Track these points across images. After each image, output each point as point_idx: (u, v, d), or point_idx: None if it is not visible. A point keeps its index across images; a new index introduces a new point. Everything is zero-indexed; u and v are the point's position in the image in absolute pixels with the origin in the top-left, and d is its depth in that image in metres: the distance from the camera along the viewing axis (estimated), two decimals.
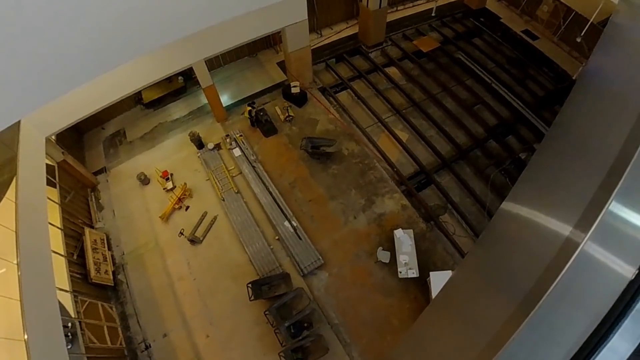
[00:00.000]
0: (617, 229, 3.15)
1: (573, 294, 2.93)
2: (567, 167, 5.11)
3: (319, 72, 14.80)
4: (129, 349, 9.01)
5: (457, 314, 4.84)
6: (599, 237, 2.88)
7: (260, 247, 10.81)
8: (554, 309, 2.75)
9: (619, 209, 3.07)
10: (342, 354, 9.43)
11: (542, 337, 2.79)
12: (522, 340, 2.61)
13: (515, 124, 13.25)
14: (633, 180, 2.96)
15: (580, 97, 6.37)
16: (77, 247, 9.31)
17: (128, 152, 12.56)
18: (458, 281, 5.91)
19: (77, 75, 5.94)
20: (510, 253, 4.47)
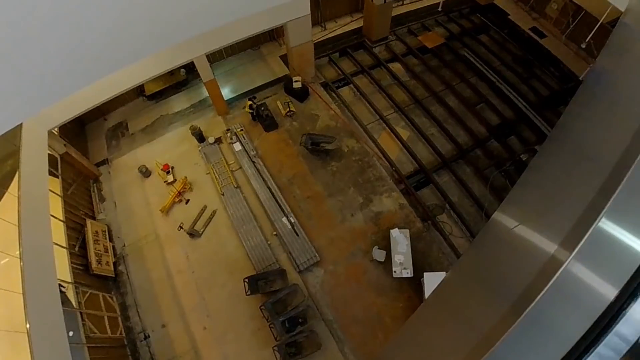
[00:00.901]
0: (603, 249, 3.20)
1: (550, 315, 3.02)
2: (563, 176, 5.11)
3: (321, 66, 14.70)
4: (129, 339, 9.33)
5: (449, 315, 4.97)
6: (583, 257, 2.94)
7: (258, 243, 10.98)
8: (534, 324, 2.87)
9: (608, 226, 3.11)
10: (334, 350, 9.67)
11: (526, 345, 2.90)
12: (507, 345, 2.72)
13: (518, 125, 13.12)
14: (625, 199, 2.98)
15: (584, 100, 6.30)
16: (78, 239, 9.54)
17: (130, 144, 12.69)
18: (451, 283, 6.03)
19: (87, 75, 6.07)
20: (500, 262, 4.55)
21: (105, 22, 5.42)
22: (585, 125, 5.53)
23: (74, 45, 5.31)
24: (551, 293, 2.80)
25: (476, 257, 5.52)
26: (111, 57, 6.27)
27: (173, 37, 6.71)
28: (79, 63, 5.68)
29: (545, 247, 3.52)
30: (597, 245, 2.99)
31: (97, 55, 5.85)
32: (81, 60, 5.66)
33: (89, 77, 6.32)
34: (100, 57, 6.00)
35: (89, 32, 5.34)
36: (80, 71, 5.98)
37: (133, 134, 12.90)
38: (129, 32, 5.97)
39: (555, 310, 2.91)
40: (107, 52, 5.94)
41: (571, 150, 5.38)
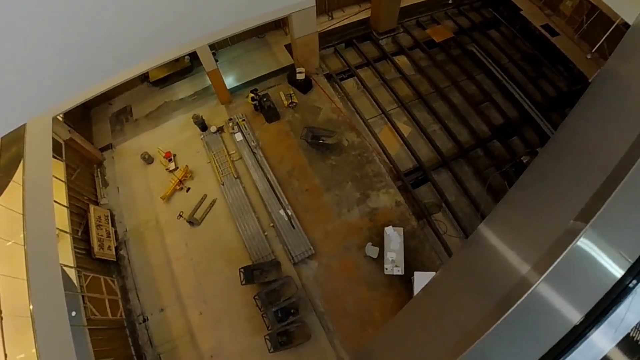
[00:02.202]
0: (575, 272, 3.35)
1: (517, 332, 3.22)
2: (555, 184, 5.16)
3: (326, 56, 14.56)
4: (128, 321, 9.81)
5: (434, 313, 5.20)
6: (553, 279, 3.11)
7: (255, 233, 11.26)
8: (506, 333, 3.06)
9: (586, 246, 3.25)
10: (324, 340, 10.06)
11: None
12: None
13: (522, 125, 12.98)
14: (607, 221, 3.08)
15: (587, 104, 6.24)
16: (81, 224, 9.92)
17: (133, 130, 12.90)
18: (439, 283, 6.24)
19: (97, 74, 6.23)
20: (484, 269, 4.72)
21: (113, 24, 5.52)
22: (585, 132, 5.50)
23: (85, 44, 5.44)
24: (523, 307, 3.01)
25: (464, 260, 5.69)
26: (119, 57, 6.39)
27: (180, 38, 6.79)
28: (89, 61, 5.82)
29: (519, 267, 3.68)
30: (566, 272, 3.14)
31: (107, 55, 5.98)
32: (91, 59, 5.80)
33: (99, 76, 6.48)
34: (110, 57, 6.13)
35: (98, 32, 5.46)
36: (90, 69, 6.13)
37: (137, 120, 13.08)
38: (136, 32, 6.06)
39: (530, 319, 3.12)
40: (115, 52, 6.05)
41: (567, 156, 5.40)
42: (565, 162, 5.35)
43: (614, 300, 3.24)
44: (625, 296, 3.19)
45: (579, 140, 5.47)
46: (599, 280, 3.21)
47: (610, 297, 3.25)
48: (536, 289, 3.11)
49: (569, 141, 5.81)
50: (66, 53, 5.45)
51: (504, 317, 3.10)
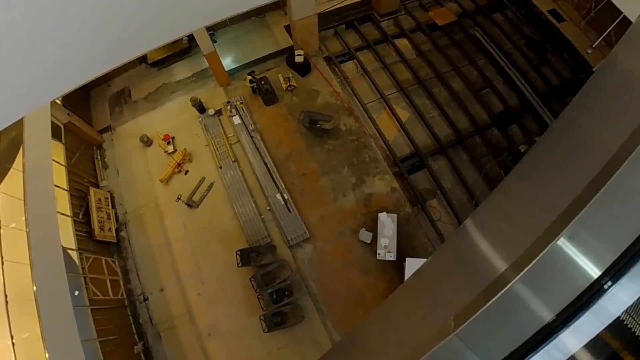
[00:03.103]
0: (551, 272, 3.51)
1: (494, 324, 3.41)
2: (550, 175, 5.21)
3: (326, 38, 14.30)
4: (129, 300, 10.26)
5: (424, 298, 5.46)
6: (529, 279, 3.26)
7: (252, 216, 11.51)
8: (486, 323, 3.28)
9: (565, 247, 3.39)
10: (317, 322, 10.48)
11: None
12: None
13: (522, 114, 12.86)
14: (589, 221, 3.17)
15: (590, 94, 6.21)
16: (82, 207, 10.19)
17: (132, 112, 12.95)
18: (429, 269, 6.49)
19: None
20: (469, 260, 4.91)
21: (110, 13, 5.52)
22: (584, 123, 5.49)
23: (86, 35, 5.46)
24: (498, 303, 3.17)
25: (453, 249, 5.89)
26: (117, 48, 6.38)
27: (181, 29, 6.77)
28: (89, 53, 5.83)
29: (497, 265, 3.83)
30: (543, 271, 3.28)
31: (106, 45, 5.98)
32: (90, 50, 5.81)
33: (98, 67, 6.51)
34: (109, 48, 6.12)
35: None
36: (90, 61, 6.16)
37: (136, 102, 13.11)
38: (136, 21, 6.04)
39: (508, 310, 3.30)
40: (114, 40, 6.04)
41: (565, 147, 5.41)
42: (562, 153, 5.36)
43: (587, 300, 3.39)
44: (599, 297, 3.33)
45: (578, 131, 5.45)
46: (574, 279, 3.33)
47: (584, 297, 3.39)
48: (512, 286, 3.24)
49: (567, 131, 5.79)
50: (66, 45, 5.48)
51: (474, 316, 3.24)
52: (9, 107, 5.47)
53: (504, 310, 3.32)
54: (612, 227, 3.38)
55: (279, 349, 10.20)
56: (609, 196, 2.81)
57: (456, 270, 5.09)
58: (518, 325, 3.39)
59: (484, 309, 3.18)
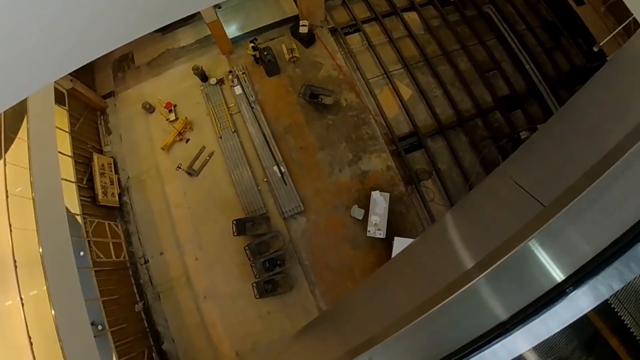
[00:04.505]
0: (515, 272, 3.80)
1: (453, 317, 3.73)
2: (546, 166, 5.30)
3: (333, 8, 13.83)
4: (131, 262, 10.94)
5: (408, 276, 5.89)
6: (492, 277, 3.56)
7: (249, 187, 11.87)
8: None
9: (534, 248, 3.65)
10: (306, 290, 11.12)
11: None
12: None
13: (527, 99, 12.62)
14: (560, 226, 3.35)
15: (600, 84, 6.17)
16: (86, 172, 10.60)
17: (135, 78, 12.98)
18: (415, 249, 6.90)
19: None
20: (448, 247, 5.24)
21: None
22: (589, 114, 5.47)
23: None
24: (459, 298, 3.45)
25: (439, 232, 6.22)
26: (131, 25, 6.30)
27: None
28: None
29: (466, 261, 4.12)
30: (506, 271, 3.53)
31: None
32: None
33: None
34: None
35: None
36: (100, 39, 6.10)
37: (139, 67, 13.10)
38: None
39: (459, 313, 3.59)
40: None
41: (566, 137, 5.42)
42: (561, 145, 5.40)
43: (546, 303, 3.67)
44: (558, 300, 3.59)
45: (582, 122, 5.44)
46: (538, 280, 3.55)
47: (544, 299, 3.67)
48: (476, 282, 3.49)
49: (571, 121, 5.79)
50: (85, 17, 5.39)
51: (437, 307, 3.51)
52: (25, 81, 5.54)
53: (463, 306, 3.62)
54: (585, 234, 3.57)
55: (269, 313, 10.94)
56: (588, 202, 2.93)
57: (437, 255, 5.43)
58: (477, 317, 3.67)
59: (447, 301, 3.46)
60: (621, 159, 2.87)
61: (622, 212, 3.10)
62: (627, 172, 2.90)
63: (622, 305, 3.59)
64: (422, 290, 4.62)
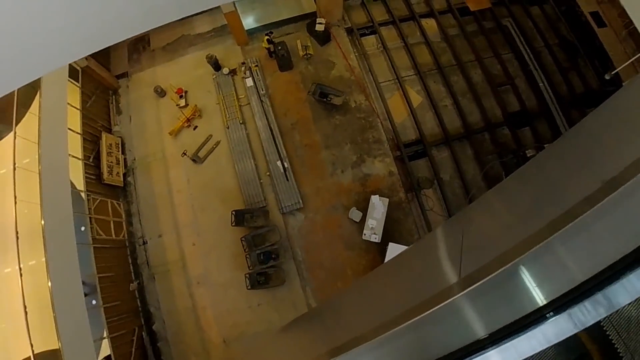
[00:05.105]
0: (495, 293, 3.89)
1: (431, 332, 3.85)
2: (547, 187, 5.32)
3: (352, 8, 13.77)
4: (130, 242, 11.19)
5: (398, 281, 6.02)
6: (474, 296, 3.64)
7: (251, 179, 12.01)
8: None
9: (518, 271, 3.73)
10: (298, 286, 11.30)
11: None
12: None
13: (537, 117, 12.55)
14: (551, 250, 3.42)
15: (612, 108, 6.14)
16: (93, 150, 10.82)
17: (149, 61, 13.12)
18: (407, 257, 7.01)
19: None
20: (436, 259, 5.34)
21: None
22: (598, 138, 5.41)
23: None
24: (438, 313, 3.56)
25: (431, 243, 6.32)
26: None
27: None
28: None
29: (449, 277, 4.22)
30: (487, 292, 3.62)
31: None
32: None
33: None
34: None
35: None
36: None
37: (154, 50, 13.23)
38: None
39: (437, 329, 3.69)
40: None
41: (571, 160, 5.40)
42: (567, 166, 5.39)
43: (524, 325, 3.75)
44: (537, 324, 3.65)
45: (589, 146, 5.41)
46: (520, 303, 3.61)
47: (523, 321, 3.75)
48: (456, 299, 3.57)
49: (578, 144, 5.76)
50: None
51: (418, 317, 3.60)
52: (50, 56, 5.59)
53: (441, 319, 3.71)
54: (572, 263, 3.61)
55: (259, 305, 11.16)
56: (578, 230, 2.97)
57: (426, 266, 5.53)
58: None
59: (426, 314, 3.56)
60: (622, 187, 2.88)
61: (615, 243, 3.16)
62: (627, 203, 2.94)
63: (614, 330, 3.65)
64: (408, 299, 4.74)
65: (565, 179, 4.31)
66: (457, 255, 4.84)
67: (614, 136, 4.30)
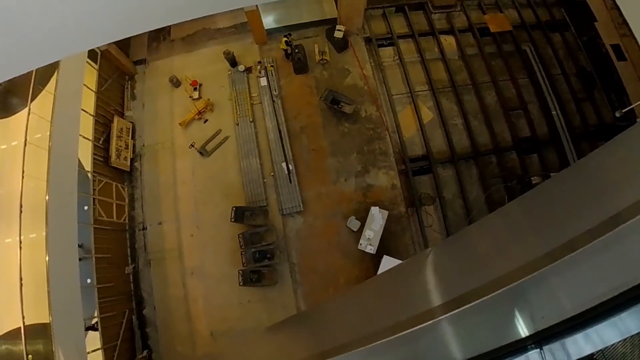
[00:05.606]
0: (476, 320, 3.91)
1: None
2: (549, 216, 5.29)
3: (372, 17, 13.82)
4: (130, 226, 11.39)
5: (387, 295, 6.08)
6: (456, 319, 3.64)
7: (255, 178, 12.14)
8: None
9: (502, 300, 3.73)
10: (289, 288, 11.38)
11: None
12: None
13: (547, 145, 12.49)
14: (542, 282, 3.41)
15: (623, 144, 6.08)
16: (104, 133, 11.04)
17: (168, 50, 13.33)
18: (399, 272, 7.06)
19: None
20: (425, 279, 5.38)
21: None
22: (605, 173, 5.35)
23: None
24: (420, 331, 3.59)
25: (426, 261, 6.36)
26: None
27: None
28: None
29: (434, 300, 4.26)
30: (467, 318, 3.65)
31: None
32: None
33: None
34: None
35: None
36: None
37: (173, 41, 13.43)
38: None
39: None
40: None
41: (577, 192, 5.34)
42: (571, 198, 5.35)
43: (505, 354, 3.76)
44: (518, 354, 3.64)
45: (596, 180, 5.36)
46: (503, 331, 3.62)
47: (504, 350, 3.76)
48: (437, 321, 3.59)
49: (585, 177, 5.72)
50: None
51: (400, 334, 3.65)
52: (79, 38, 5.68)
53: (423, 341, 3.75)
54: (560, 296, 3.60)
55: (249, 302, 11.27)
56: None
57: (416, 284, 5.56)
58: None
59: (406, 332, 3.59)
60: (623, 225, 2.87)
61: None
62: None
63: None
64: (393, 315, 4.79)
65: (568, 210, 4.29)
66: (449, 277, 4.89)
67: (621, 172, 4.28)
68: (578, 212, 3.96)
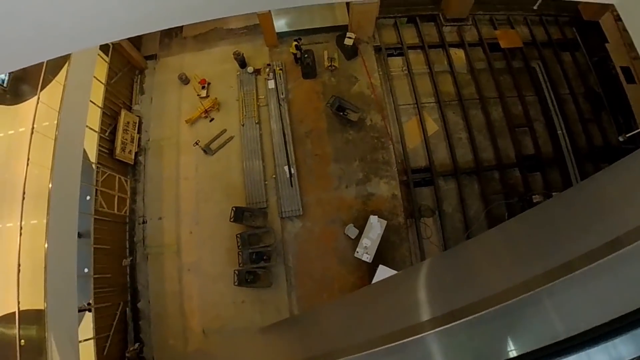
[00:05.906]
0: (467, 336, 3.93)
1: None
2: (549, 236, 5.29)
3: (383, 26, 13.86)
4: (130, 219, 11.51)
5: (381, 305, 6.11)
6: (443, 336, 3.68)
7: (257, 179, 12.22)
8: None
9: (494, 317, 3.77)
10: (283, 291, 11.42)
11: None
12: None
13: (551, 164, 12.44)
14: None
15: (628, 168, 6.06)
16: (111, 125, 11.19)
17: (179, 47, 13.49)
18: (394, 283, 7.09)
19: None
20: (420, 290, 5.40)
21: None
22: (608, 196, 5.35)
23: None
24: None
25: (422, 274, 6.38)
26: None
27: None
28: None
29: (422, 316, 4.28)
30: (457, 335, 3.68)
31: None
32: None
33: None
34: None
35: None
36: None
37: (185, 38, 13.59)
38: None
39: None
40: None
41: (579, 214, 5.34)
42: (572, 218, 5.34)
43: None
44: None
45: (598, 203, 5.35)
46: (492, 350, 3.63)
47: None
48: (428, 335, 3.61)
49: (587, 199, 5.71)
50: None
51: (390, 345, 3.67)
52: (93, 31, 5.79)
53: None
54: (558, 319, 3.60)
55: (243, 302, 11.32)
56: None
57: (410, 295, 5.58)
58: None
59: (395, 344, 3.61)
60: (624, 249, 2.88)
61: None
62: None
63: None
64: (384, 325, 4.80)
65: (568, 231, 4.29)
66: (441, 291, 4.89)
67: (624, 196, 4.28)
68: (578, 233, 3.97)
